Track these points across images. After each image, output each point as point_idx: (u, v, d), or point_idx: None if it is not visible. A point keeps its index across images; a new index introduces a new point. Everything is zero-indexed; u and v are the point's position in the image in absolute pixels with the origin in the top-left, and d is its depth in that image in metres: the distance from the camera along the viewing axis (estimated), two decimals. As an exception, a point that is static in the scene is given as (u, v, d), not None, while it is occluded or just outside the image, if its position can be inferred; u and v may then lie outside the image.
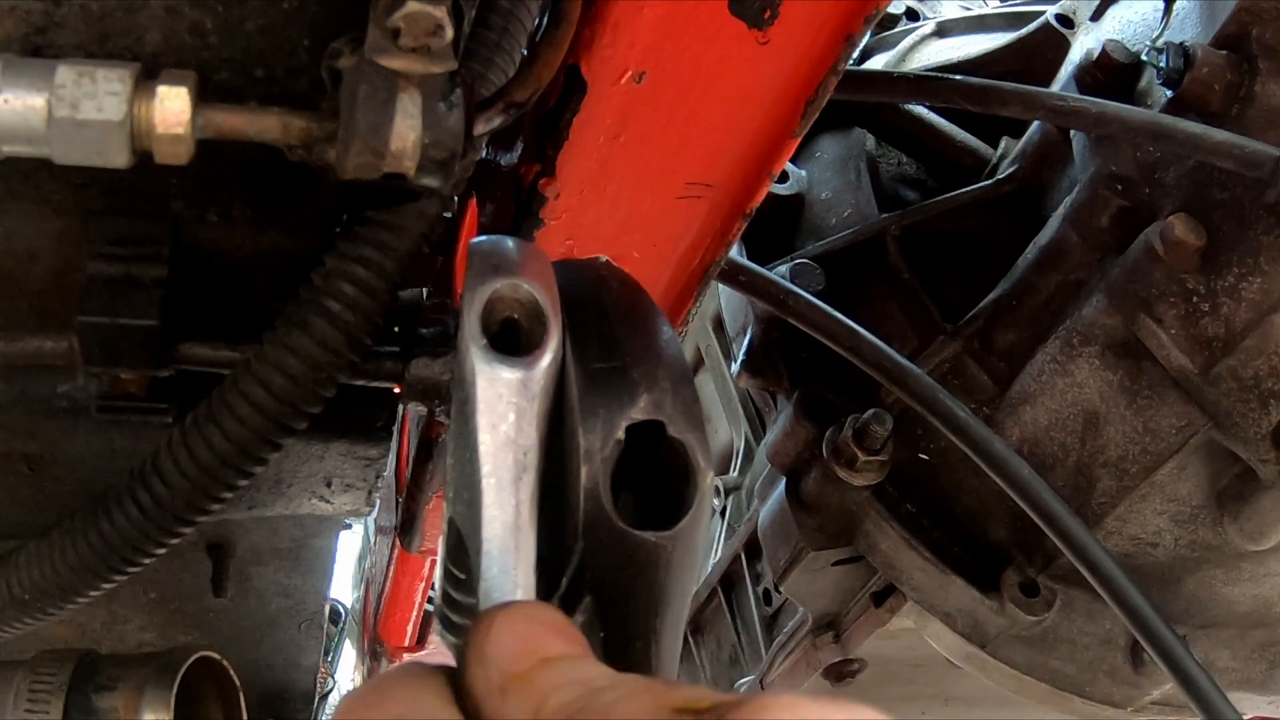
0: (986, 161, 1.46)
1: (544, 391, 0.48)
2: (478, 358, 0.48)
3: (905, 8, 1.75)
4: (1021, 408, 1.24)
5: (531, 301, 0.49)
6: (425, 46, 0.54)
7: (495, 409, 0.48)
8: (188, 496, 0.62)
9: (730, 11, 0.65)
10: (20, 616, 0.71)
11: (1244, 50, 1.11)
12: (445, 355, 0.63)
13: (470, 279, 0.50)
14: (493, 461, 0.47)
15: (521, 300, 0.49)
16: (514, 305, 0.49)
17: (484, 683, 0.41)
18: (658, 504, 0.48)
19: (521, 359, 0.48)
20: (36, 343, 0.66)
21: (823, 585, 1.41)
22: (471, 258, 0.51)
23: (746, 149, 0.75)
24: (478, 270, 0.50)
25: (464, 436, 0.48)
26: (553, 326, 0.49)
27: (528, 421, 0.48)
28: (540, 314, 0.49)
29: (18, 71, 0.54)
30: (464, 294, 0.49)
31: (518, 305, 0.49)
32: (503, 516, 0.48)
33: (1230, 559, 1.25)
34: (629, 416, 0.48)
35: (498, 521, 0.48)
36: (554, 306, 0.49)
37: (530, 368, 0.48)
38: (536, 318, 0.49)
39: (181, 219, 0.67)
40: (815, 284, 1.34)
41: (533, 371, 0.48)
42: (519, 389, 0.48)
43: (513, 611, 0.43)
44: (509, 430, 0.48)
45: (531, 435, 0.48)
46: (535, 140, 0.73)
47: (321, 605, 1.27)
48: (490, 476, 0.47)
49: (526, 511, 0.48)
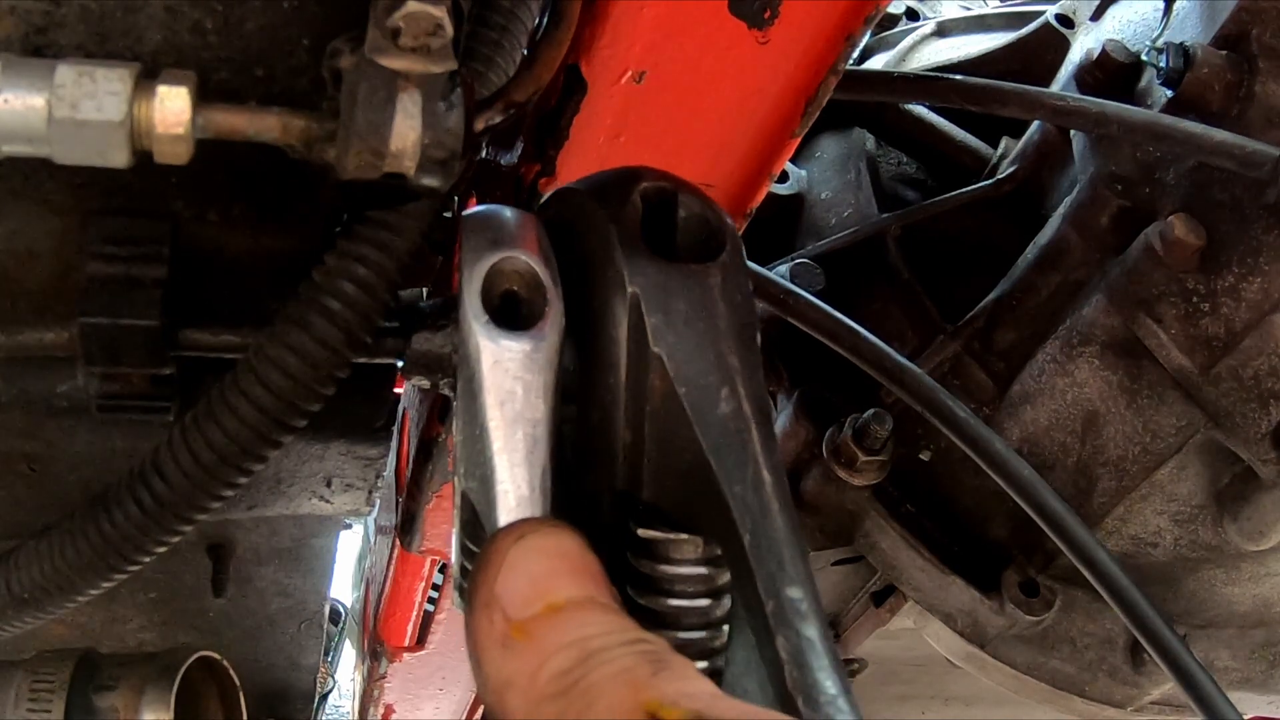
0: (986, 161, 1.46)
1: (549, 363, 0.48)
2: (481, 334, 0.47)
3: (905, 8, 1.75)
4: (1021, 408, 1.24)
5: (530, 273, 0.49)
6: (425, 46, 0.54)
7: (502, 384, 0.47)
8: (188, 495, 0.62)
9: (730, 11, 0.65)
10: (20, 615, 0.71)
11: (1244, 50, 1.11)
12: (446, 328, 0.63)
13: (467, 253, 0.49)
14: (503, 437, 0.47)
15: (520, 272, 0.49)
16: (513, 277, 0.49)
17: (487, 632, 0.40)
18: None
19: (525, 332, 0.48)
20: (36, 336, 0.66)
21: (823, 585, 1.41)
22: (466, 231, 0.51)
23: (746, 149, 0.75)
24: (474, 244, 0.49)
25: (472, 413, 0.48)
26: (553, 297, 0.49)
27: (535, 394, 0.48)
28: (539, 285, 0.49)
29: (18, 71, 0.54)
30: (462, 269, 0.49)
31: (517, 277, 0.49)
32: (516, 491, 0.47)
33: (1230, 559, 1.25)
34: (640, 187, 0.48)
35: (511, 495, 0.47)
36: (552, 276, 0.49)
37: (534, 340, 0.48)
38: (536, 289, 0.49)
39: (181, 219, 0.67)
40: (815, 284, 1.34)
41: (538, 343, 0.48)
42: (524, 362, 0.48)
43: (526, 544, 0.42)
44: (518, 405, 0.47)
45: (541, 408, 0.48)
46: (535, 140, 0.73)
47: (321, 605, 1.27)
48: (501, 453, 0.47)
49: (539, 484, 0.48)
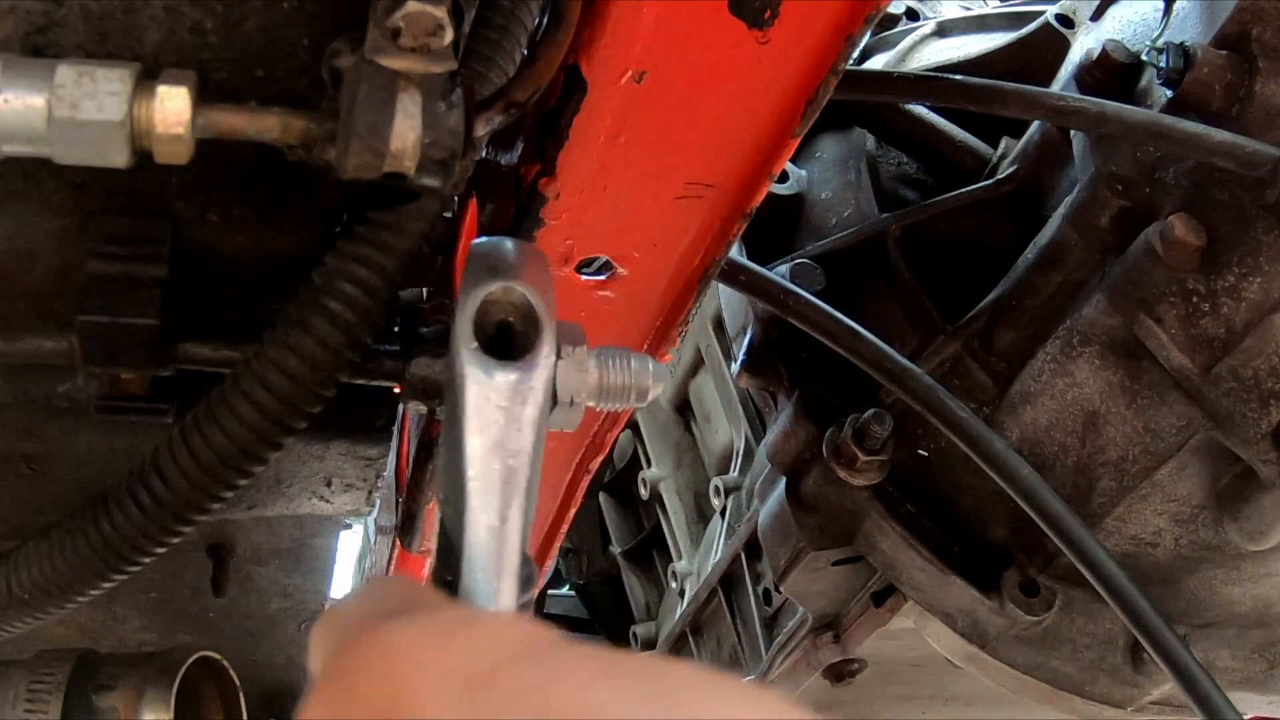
0: (986, 161, 1.46)
1: (537, 395, 0.48)
2: (467, 360, 0.47)
3: (905, 8, 1.75)
4: (1021, 408, 1.24)
5: (525, 305, 0.49)
6: (425, 46, 0.54)
7: (483, 412, 0.47)
8: (188, 496, 0.62)
9: (730, 11, 0.65)
10: (20, 616, 0.71)
11: (1244, 50, 1.11)
12: (445, 354, 0.63)
13: (466, 281, 0.49)
14: (479, 465, 0.47)
15: (515, 303, 0.49)
16: (508, 308, 0.49)
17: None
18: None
19: (514, 363, 0.48)
20: (36, 342, 0.66)
21: (823, 585, 1.41)
22: (470, 260, 0.51)
23: (746, 149, 0.74)
24: (473, 272, 0.49)
25: (453, 440, 0.47)
26: (546, 330, 0.49)
27: (518, 426, 0.47)
28: (534, 317, 0.49)
29: (18, 71, 0.54)
30: (459, 296, 0.49)
31: (512, 308, 0.49)
32: (487, 520, 0.47)
33: (1230, 559, 1.25)
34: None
35: (481, 526, 0.47)
36: (549, 310, 0.49)
37: (522, 371, 0.48)
38: (530, 321, 0.49)
39: (181, 219, 0.67)
40: (815, 284, 1.34)
41: (525, 374, 0.48)
42: (510, 393, 0.47)
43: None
44: (497, 434, 0.47)
45: (523, 440, 0.47)
46: (535, 140, 0.73)
47: (321, 605, 1.27)
48: (475, 480, 0.47)
49: (515, 517, 0.47)
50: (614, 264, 0.80)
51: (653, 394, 0.57)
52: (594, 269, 0.81)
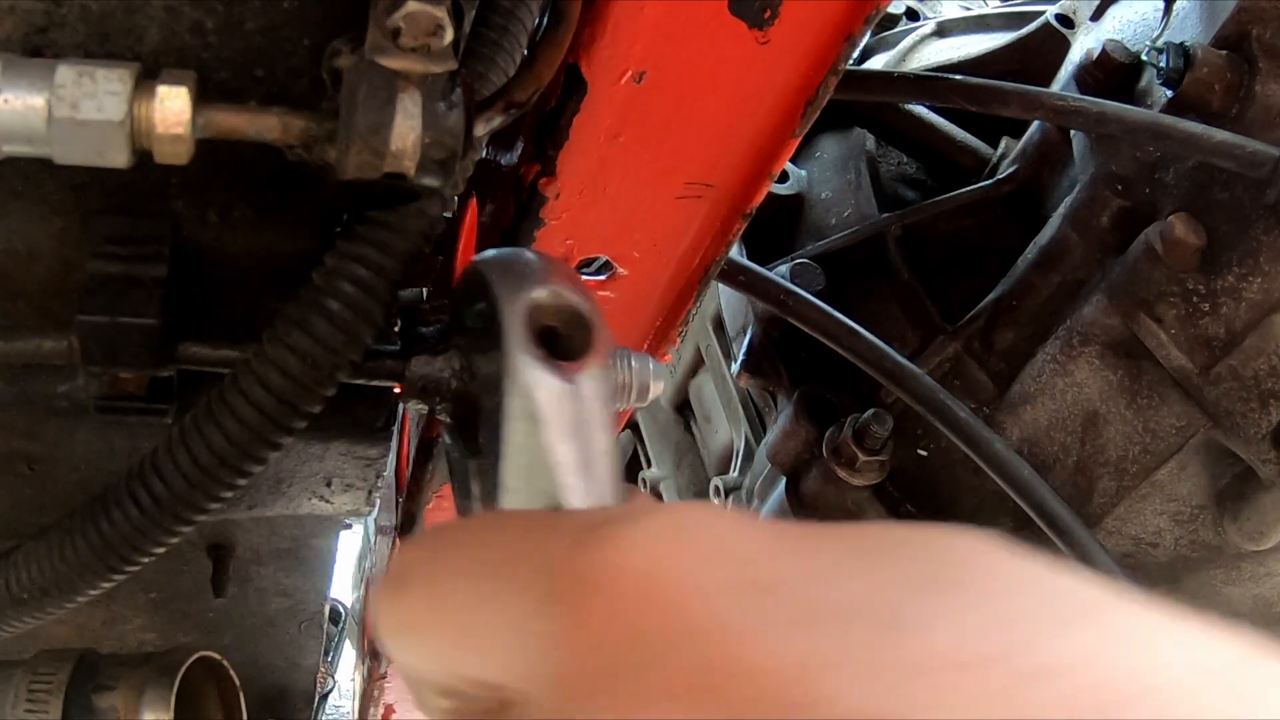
0: (986, 161, 1.47)
1: (601, 395, 0.47)
2: (532, 369, 0.45)
3: (905, 8, 1.75)
4: (1021, 408, 1.24)
5: (570, 308, 0.48)
6: (425, 46, 0.54)
7: (563, 419, 0.45)
8: (187, 496, 0.62)
9: (730, 11, 0.65)
10: (20, 616, 0.71)
11: (1244, 50, 1.11)
12: (445, 353, 0.63)
13: (503, 291, 0.48)
14: (575, 474, 0.45)
15: (560, 308, 0.48)
16: (552, 313, 0.48)
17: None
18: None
19: (573, 365, 0.46)
20: (36, 342, 0.66)
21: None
22: (493, 273, 0.49)
23: (746, 149, 0.74)
24: (508, 282, 0.48)
25: (532, 452, 0.46)
26: (599, 329, 0.48)
27: (591, 428, 0.46)
28: (582, 319, 0.48)
29: (18, 71, 0.54)
30: (501, 308, 0.47)
31: (556, 313, 0.48)
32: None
33: (1230, 559, 1.25)
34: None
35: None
36: (594, 309, 0.48)
37: (582, 373, 0.46)
38: (578, 323, 0.48)
39: (181, 219, 0.67)
40: (815, 284, 1.34)
41: (588, 377, 0.47)
42: (577, 397, 0.46)
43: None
44: (584, 438, 0.45)
45: (609, 439, 0.46)
46: (535, 140, 0.73)
47: (321, 605, 1.27)
48: (573, 490, 0.45)
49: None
50: (614, 264, 0.80)
51: (653, 394, 0.57)
52: (594, 269, 0.81)
